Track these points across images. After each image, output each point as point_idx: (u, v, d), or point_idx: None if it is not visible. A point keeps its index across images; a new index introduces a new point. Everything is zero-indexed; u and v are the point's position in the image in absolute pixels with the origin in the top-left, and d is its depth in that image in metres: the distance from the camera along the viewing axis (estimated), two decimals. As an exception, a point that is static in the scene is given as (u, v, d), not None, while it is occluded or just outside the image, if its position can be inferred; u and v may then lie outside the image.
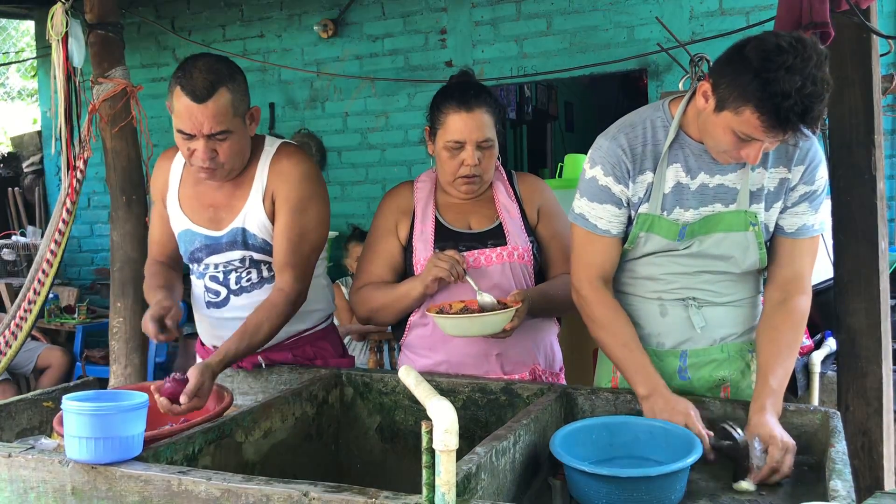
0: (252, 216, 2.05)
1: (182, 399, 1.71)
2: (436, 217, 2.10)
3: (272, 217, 2.05)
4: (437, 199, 2.14)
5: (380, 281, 2.12)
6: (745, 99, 1.52)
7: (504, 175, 2.17)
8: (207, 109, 1.87)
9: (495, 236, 2.06)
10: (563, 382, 2.20)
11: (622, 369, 1.76)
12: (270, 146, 2.09)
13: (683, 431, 1.51)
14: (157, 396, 1.70)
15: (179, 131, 1.92)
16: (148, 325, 1.90)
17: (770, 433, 1.51)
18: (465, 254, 2.02)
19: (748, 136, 1.56)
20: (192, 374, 1.74)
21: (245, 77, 2.01)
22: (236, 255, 2.09)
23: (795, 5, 2.02)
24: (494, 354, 2.04)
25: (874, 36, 2.17)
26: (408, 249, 2.11)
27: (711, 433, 1.58)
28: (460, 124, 2.00)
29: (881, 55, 2.22)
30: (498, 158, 2.15)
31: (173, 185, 2.15)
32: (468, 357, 2.05)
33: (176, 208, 2.13)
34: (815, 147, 1.74)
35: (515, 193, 2.14)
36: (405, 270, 2.13)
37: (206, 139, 1.90)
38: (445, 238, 2.06)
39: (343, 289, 4.49)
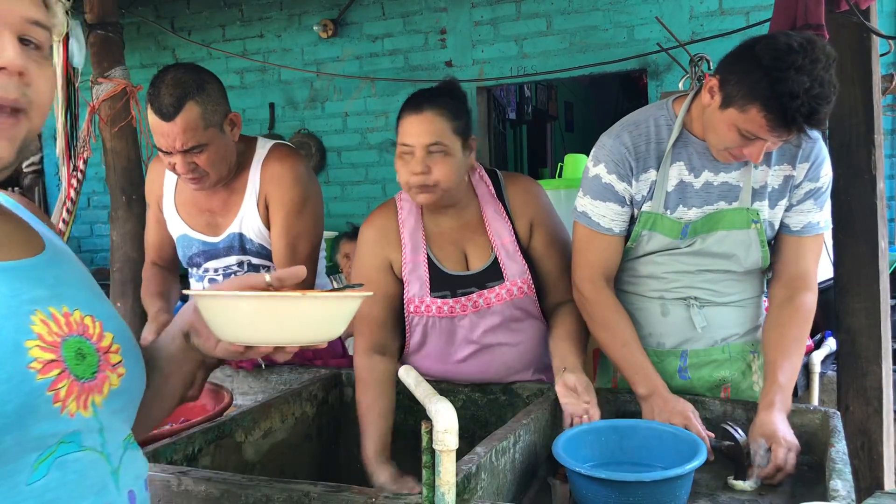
0: (248, 221, 2.05)
1: None
2: (428, 256, 1.88)
3: (267, 221, 2.05)
4: (425, 227, 1.90)
5: (389, 339, 1.88)
6: (753, 97, 1.52)
7: (490, 187, 1.93)
8: (176, 126, 1.85)
9: (493, 276, 1.87)
10: None
11: (622, 369, 1.76)
12: (262, 149, 2.07)
13: (692, 437, 1.49)
14: None
15: (158, 148, 1.92)
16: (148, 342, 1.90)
17: (773, 431, 1.51)
18: (464, 300, 1.85)
19: (752, 134, 1.56)
20: None
21: (220, 85, 1.96)
22: (234, 259, 2.09)
23: (791, 6, 2.02)
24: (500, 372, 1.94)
25: (874, 36, 2.17)
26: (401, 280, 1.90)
27: (713, 434, 1.58)
28: (409, 127, 1.78)
29: (881, 55, 2.22)
30: (481, 166, 1.96)
31: (168, 189, 2.14)
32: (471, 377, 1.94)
33: (172, 213, 2.13)
34: (819, 144, 1.74)
35: (505, 206, 1.91)
36: (400, 304, 1.90)
37: (182, 154, 1.89)
38: (441, 285, 1.86)
39: (334, 286, 4.48)
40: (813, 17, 1.98)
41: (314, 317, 0.92)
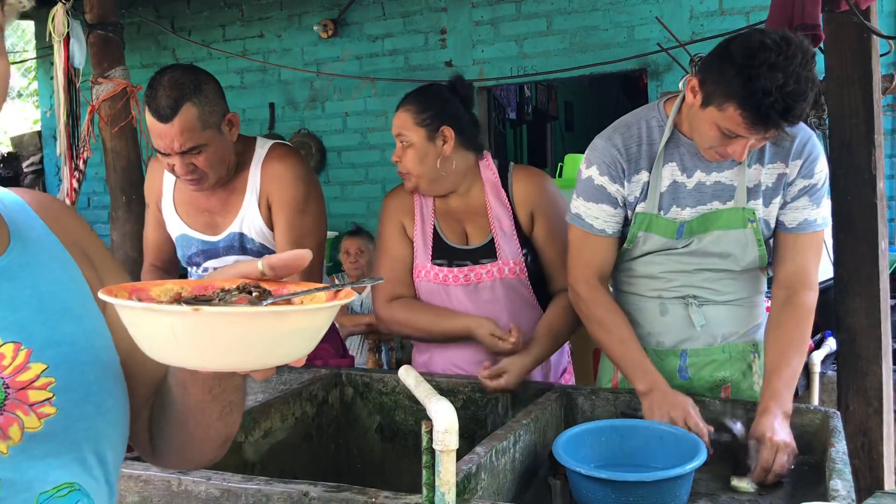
0: (249, 220, 2.05)
1: None
2: (434, 227, 2.06)
3: (269, 221, 2.05)
4: (434, 204, 2.08)
5: (408, 292, 2.05)
6: (729, 95, 1.53)
7: (496, 176, 2.06)
8: (174, 128, 1.85)
9: (487, 253, 2.01)
10: (572, 381, 2.20)
11: (621, 367, 1.76)
12: (262, 148, 2.08)
13: (692, 437, 1.50)
14: None
15: (156, 149, 1.92)
16: None
17: (762, 433, 1.51)
18: (456, 270, 2.00)
19: (732, 132, 1.57)
20: None
21: (217, 85, 1.97)
22: (234, 259, 2.09)
23: (788, 6, 2.03)
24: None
25: (874, 36, 2.17)
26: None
27: (712, 428, 1.58)
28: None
29: (881, 55, 2.22)
30: (489, 156, 2.08)
31: (167, 190, 2.15)
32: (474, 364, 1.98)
33: (171, 213, 2.13)
34: (812, 141, 1.74)
35: (509, 196, 2.04)
36: None
37: (180, 156, 1.89)
38: (442, 253, 2.03)
39: (337, 283, 4.50)
40: (809, 16, 1.98)
41: (261, 336, 0.67)
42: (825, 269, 2.46)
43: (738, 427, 1.53)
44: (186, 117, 1.85)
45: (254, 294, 0.74)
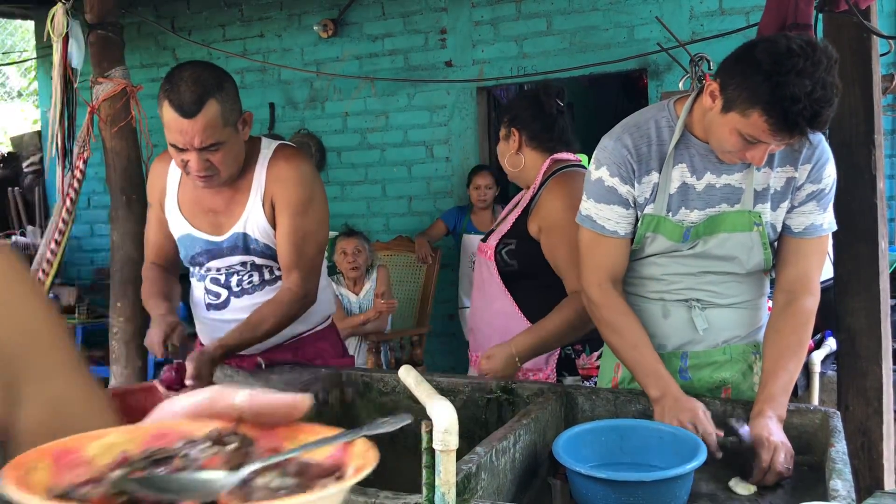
0: (253, 221, 2.05)
1: (187, 383, 1.79)
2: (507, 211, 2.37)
3: (273, 221, 2.06)
4: (522, 195, 2.32)
5: None
6: (754, 101, 1.51)
7: (537, 184, 2.20)
8: (197, 124, 1.85)
9: (487, 234, 2.33)
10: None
11: (633, 372, 1.74)
12: (267, 149, 2.08)
13: (692, 437, 1.49)
14: (157, 386, 1.81)
15: (172, 144, 1.91)
16: (154, 345, 1.93)
17: (758, 434, 1.51)
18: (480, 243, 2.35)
19: (755, 138, 1.55)
20: (189, 360, 1.82)
21: (235, 83, 1.98)
22: (237, 259, 2.09)
23: (783, 6, 2.03)
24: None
25: (874, 36, 2.17)
26: None
27: (721, 433, 1.57)
28: None
29: (881, 55, 2.22)
30: (552, 159, 2.23)
31: (171, 189, 2.14)
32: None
33: (175, 213, 2.13)
34: (822, 145, 1.72)
35: (530, 202, 2.19)
36: None
37: (199, 152, 1.89)
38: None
39: (333, 286, 4.50)
40: (802, 16, 1.99)
41: None
42: (825, 269, 2.46)
43: (744, 430, 1.53)
44: (210, 113, 1.85)
45: (229, 448, 0.53)
